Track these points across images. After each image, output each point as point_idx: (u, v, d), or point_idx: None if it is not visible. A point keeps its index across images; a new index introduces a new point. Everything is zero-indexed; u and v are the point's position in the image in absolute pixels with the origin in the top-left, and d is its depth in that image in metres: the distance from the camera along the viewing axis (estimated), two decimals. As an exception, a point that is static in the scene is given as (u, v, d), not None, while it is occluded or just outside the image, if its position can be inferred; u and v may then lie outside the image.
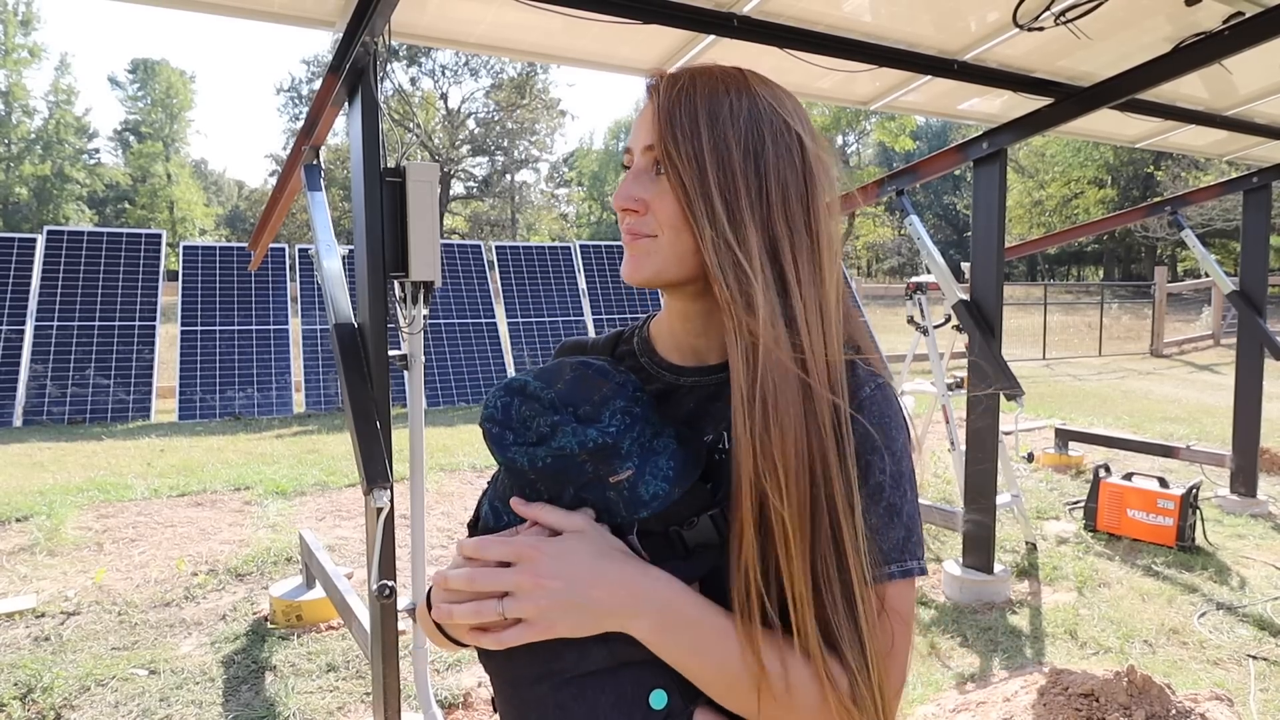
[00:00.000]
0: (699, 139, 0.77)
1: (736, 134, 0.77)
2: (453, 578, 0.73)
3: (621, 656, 0.73)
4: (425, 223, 2.33)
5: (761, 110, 0.79)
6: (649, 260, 0.81)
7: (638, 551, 0.75)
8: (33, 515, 4.63)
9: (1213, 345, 14.61)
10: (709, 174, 0.76)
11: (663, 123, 0.78)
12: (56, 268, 8.34)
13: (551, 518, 0.75)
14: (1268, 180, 4.95)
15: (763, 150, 0.77)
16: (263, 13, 2.36)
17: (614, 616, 0.72)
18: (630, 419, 0.76)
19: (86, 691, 2.82)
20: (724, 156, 0.76)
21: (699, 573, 0.77)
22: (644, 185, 0.81)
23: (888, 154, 42.32)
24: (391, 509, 2.17)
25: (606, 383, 0.78)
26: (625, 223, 0.83)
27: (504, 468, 0.80)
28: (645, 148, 0.81)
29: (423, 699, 2.60)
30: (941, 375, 4.37)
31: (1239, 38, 2.65)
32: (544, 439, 0.74)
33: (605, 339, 0.98)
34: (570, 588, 0.71)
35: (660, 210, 0.80)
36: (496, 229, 39.64)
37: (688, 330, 0.87)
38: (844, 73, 3.07)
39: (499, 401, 0.77)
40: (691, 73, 0.80)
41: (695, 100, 0.78)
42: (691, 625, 0.73)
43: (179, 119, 43.19)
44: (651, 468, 0.75)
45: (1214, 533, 4.46)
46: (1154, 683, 2.48)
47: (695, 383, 0.87)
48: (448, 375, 9.05)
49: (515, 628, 0.71)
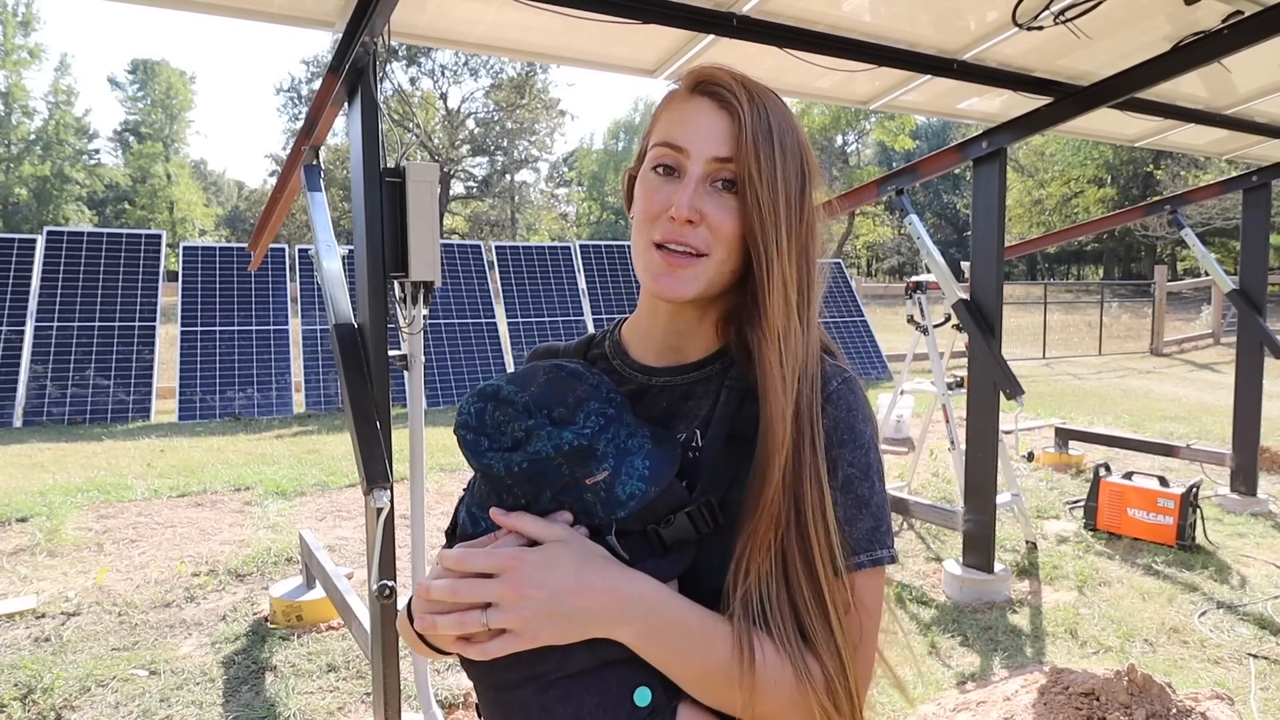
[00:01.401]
0: (776, 166, 0.78)
1: (794, 165, 0.80)
2: (435, 588, 0.73)
3: (604, 656, 0.74)
4: (425, 223, 2.33)
5: (804, 143, 0.82)
6: (697, 282, 0.80)
7: (617, 552, 0.76)
8: (33, 516, 4.63)
9: (1213, 344, 14.60)
10: (780, 202, 0.78)
11: (748, 142, 0.77)
12: (56, 268, 8.34)
13: (532, 527, 0.75)
14: (1267, 179, 4.95)
15: (805, 185, 0.81)
16: (263, 13, 2.36)
17: (599, 624, 0.72)
18: (605, 420, 0.76)
19: (87, 692, 2.82)
20: (789, 188, 0.79)
21: (677, 570, 0.78)
22: (704, 197, 0.79)
23: (887, 153, 42.28)
24: (391, 509, 2.17)
25: (580, 385, 0.78)
26: (672, 233, 0.80)
27: (480, 474, 0.80)
28: (717, 159, 0.79)
29: (423, 699, 2.60)
30: (941, 375, 4.37)
31: (1238, 37, 2.65)
32: (519, 444, 0.74)
33: (577, 344, 0.99)
34: (554, 597, 0.71)
35: (722, 228, 0.79)
36: (496, 229, 39.62)
37: (673, 331, 0.88)
38: (844, 72, 3.07)
39: (472, 408, 0.77)
40: (762, 92, 0.81)
41: (770, 124, 0.79)
42: (674, 628, 0.74)
43: (179, 119, 43.17)
44: (627, 468, 0.76)
45: (1214, 531, 4.46)
46: (1154, 682, 2.48)
47: (667, 383, 0.88)
48: (448, 375, 9.05)
49: (500, 638, 0.71)
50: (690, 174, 0.79)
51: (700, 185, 0.79)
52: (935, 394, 4.46)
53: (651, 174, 0.82)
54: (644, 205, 0.82)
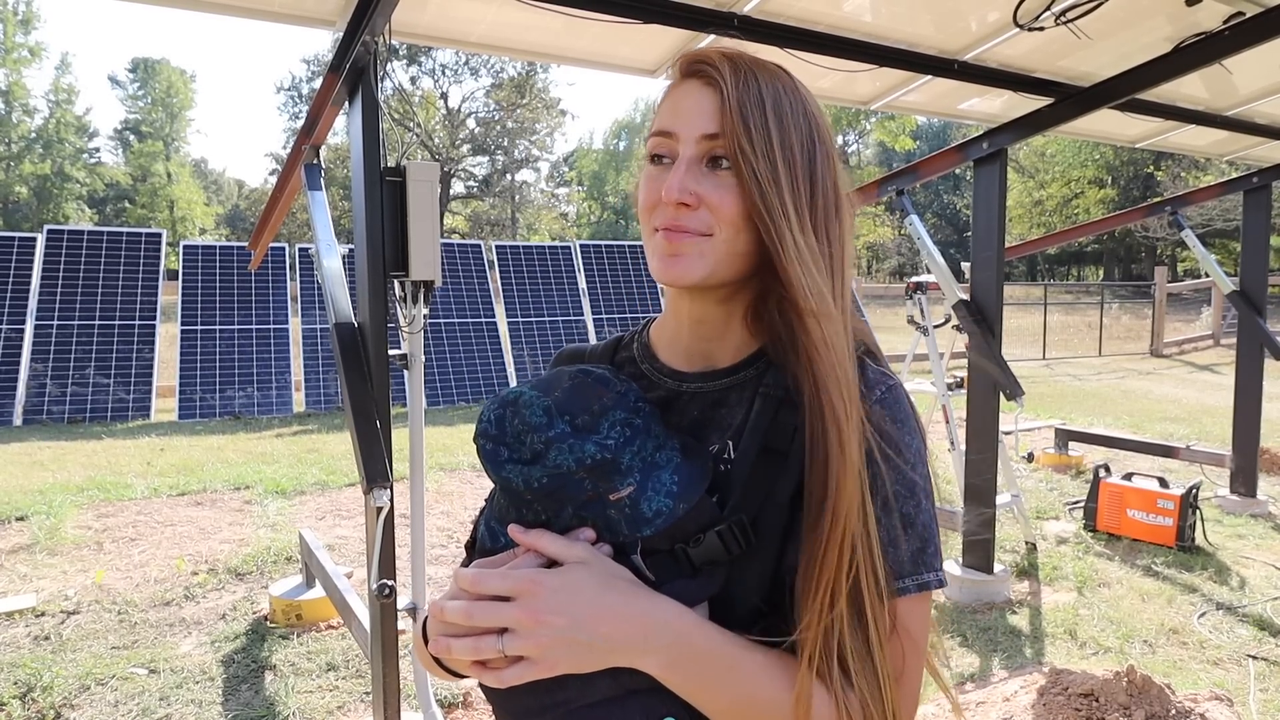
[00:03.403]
0: (770, 135, 0.73)
1: (799, 135, 0.75)
2: (449, 610, 0.68)
3: (628, 685, 0.70)
4: (425, 222, 2.33)
5: (813, 113, 0.77)
6: (702, 261, 0.75)
7: (642, 573, 0.71)
8: (32, 514, 4.63)
9: (1213, 345, 14.60)
10: (781, 172, 0.73)
11: (734, 113, 0.73)
12: (56, 267, 8.34)
13: (552, 547, 0.70)
14: (1268, 180, 4.95)
15: (816, 155, 0.76)
16: (263, 12, 2.36)
17: (621, 653, 0.68)
18: (631, 431, 0.72)
19: (86, 690, 2.82)
20: (792, 157, 0.74)
21: (707, 592, 0.73)
22: (699, 178, 0.75)
23: (888, 154, 42.30)
24: (391, 508, 2.17)
25: (606, 391, 0.74)
26: (669, 218, 0.76)
27: (499, 487, 0.76)
28: (704, 136, 0.74)
29: (422, 698, 2.60)
30: (941, 375, 4.37)
31: (1239, 38, 2.65)
32: (539, 456, 0.70)
33: (604, 346, 0.93)
34: (574, 624, 0.66)
35: (721, 207, 0.74)
36: (496, 228, 39.61)
37: (700, 334, 0.83)
38: (844, 72, 3.07)
39: (492, 414, 0.72)
40: (750, 61, 0.76)
41: (762, 93, 0.74)
42: (703, 658, 0.69)
43: (179, 118, 43.16)
44: (654, 483, 0.71)
45: (1214, 533, 4.46)
46: (1154, 683, 2.48)
47: (699, 389, 0.82)
48: (448, 375, 9.05)
49: (516, 666, 0.67)
50: (681, 156, 0.75)
51: (694, 167, 0.75)
52: (935, 395, 4.46)
53: (649, 166, 0.79)
54: (643, 197, 0.78)
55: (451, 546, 4.37)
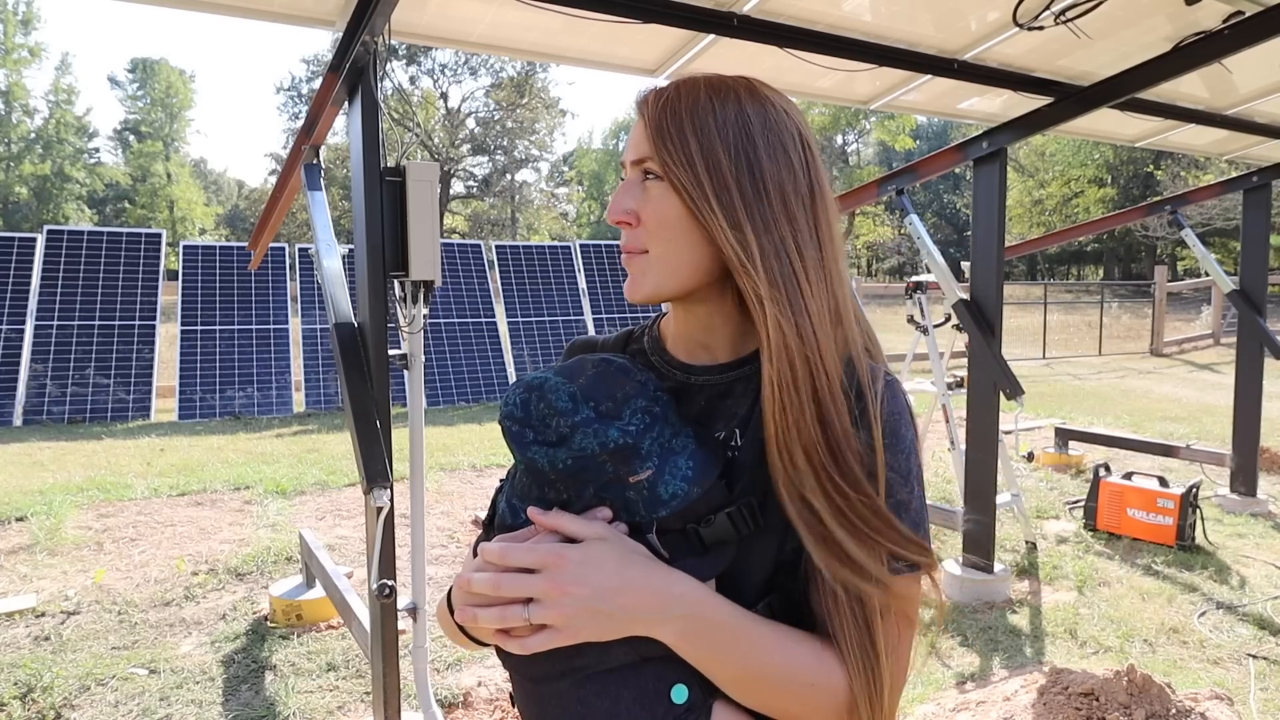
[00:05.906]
0: (688, 145, 0.78)
1: (724, 140, 0.79)
2: (476, 581, 0.73)
3: (643, 652, 0.74)
4: (425, 222, 2.33)
5: (749, 116, 0.80)
6: (645, 279, 0.82)
7: (657, 550, 0.76)
8: (33, 515, 4.63)
9: (1213, 344, 14.60)
10: (702, 177, 0.78)
11: (652, 132, 0.80)
12: (56, 267, 8.34)
13: (571, 526, 0.75)
14: (1268, 179, 4.95)
15: (755, 154, 0.79)
16: (263, 12, 2.36)
17: (640, 622, 0.73)
18: (650, 418, 0.76)
19: (86, 691, 2.82)
20: (714, 161, 0.78)
21: (716, 569, 0.77)
22: (633, 195, 0.82)
23: (888, 153, 42.27)
24: (391, 508, 2.17)
25: (629, 380, 0.78)
26: (621, 239, 0.84)
27: (523, 466, 0.79)
28: (635, 161, 0.82)
29: (422, 698, 2.60)
30: (941, 374, 4.37)
31: (1239, 37, 2.65)
32: (564, 439, 0.74)
33: (616, 338, 0.99)
34: (596, 595, 0.71)
35: (650, 218, 0.81)
36: (496, 228, 39.62)
37: (695, 330, 0.88)
38: (844, 72, 3.07)
39: (518, 398, 0.76)
40: (676, 85, 0.82)
41: (680, 110, 0.80)
42: (714, 628, 0.74)
43: (179, 118, 43.17)
44: (671, 468, 0.75)
45: (1214, 532, 4.46)
46: (1154, 682, 2.48)
47: (706, 380, 0.87)
48: (448, 375, 9.06)
49: (540, 634, 0.72)
50: (625, 181, 0.83)
51: (631, 188, 0.82)
52: (935, 394, 4.46)
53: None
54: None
55: (452, 547, 4.37)
